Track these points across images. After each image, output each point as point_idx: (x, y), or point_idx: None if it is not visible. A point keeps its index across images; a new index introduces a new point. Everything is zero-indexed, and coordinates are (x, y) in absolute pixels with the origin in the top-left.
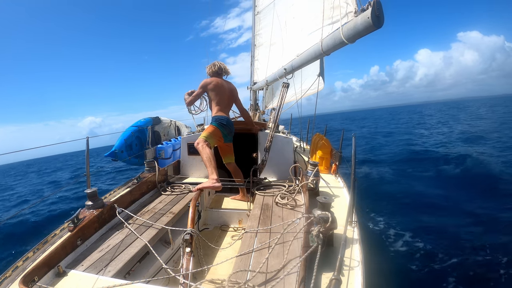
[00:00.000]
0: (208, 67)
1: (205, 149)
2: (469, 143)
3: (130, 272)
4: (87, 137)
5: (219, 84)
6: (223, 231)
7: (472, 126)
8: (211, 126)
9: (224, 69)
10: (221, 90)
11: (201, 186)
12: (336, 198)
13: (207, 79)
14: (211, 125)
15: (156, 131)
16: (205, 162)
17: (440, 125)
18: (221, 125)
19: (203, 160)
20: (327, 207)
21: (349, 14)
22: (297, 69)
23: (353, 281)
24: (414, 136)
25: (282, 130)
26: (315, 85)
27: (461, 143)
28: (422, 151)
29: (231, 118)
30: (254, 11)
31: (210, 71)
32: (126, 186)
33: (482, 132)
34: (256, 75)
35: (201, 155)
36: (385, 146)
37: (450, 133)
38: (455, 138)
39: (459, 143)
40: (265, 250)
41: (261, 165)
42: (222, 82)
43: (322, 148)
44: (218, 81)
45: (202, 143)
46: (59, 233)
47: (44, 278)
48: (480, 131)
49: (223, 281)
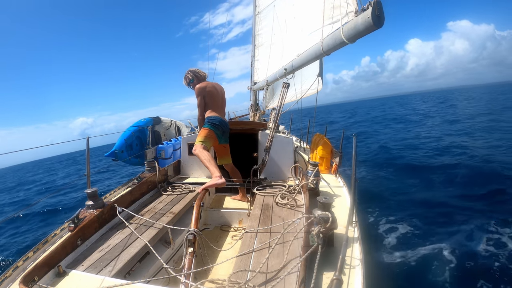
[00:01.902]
0: (191, 75)
1: (202, 152)
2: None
3: (130, 272)
4: (87, 137)
5: (213, 86)
6: (223, 231)
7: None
8: (204, 128)
9: (205, 74)
10: (215, 91)
11: (206, 186)
12: (336, 198)
13: (201, 84)
14: (204, 127)
15: (156, 131)
16: (205, 164)
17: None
18: (213, 125)
19: (203, 163)
20: (328, 207)
21: (349, 14)
22: (297, 69)
23: (354, 281)
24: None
25: (282, 130)
26: (315, 85)
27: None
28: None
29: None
30: (255, 11)
31: (197, 77)
32: (126, 186)
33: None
34: (256, 75)
35: (200, 158)
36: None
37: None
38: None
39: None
40: (265, 250)
41: (261, 165)
42: (213, 84)
43: (323, 148)
44: (210, 84)
45: (200, 148)
46: (59, 233)
47: (44, 278)
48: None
49: (223, 281)
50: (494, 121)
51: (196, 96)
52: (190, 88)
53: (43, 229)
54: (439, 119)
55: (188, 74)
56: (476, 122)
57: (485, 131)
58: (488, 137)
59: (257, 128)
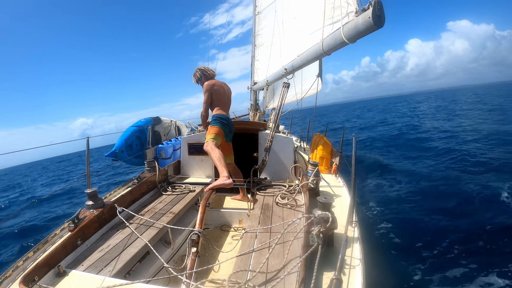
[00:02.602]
0: (200, 73)
1: (214, 150)
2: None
3: (130, 272)
4: (87, 137)
5: (220, 84)
6: (224, 231)
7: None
8: (215, 126)
9: (213, 72)
10: (222, 90)
11: (212, 185)
12: (336, 198)
13: (209, 81)
14: (214, 125)
15: (156, 131)
16: (215, 162)
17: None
18: (222, 124)
19: (213, 160)
20: (328, 207)
21: (350, 14)
22: (297, 69)
23: (354, 281)
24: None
25: (282, 130)
26: (315, 86)
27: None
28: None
29: (231, 118)
30: (255, 11)
31: (206, 75)
32: (126, 186)
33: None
34: (256, 75)
35: (211, 156)
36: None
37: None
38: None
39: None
40: (265, 250)
41: (262, 165)
42: (221, 83)
43: (323, 148)
44: (218, 82)
45: (212, 145)
46: (59, 233)
47: (45, 278)
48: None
49: (224, 281)
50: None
51: (204, 93)
52: (199, 85)
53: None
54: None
55: (197, 72)
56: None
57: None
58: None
59: (257, 128)
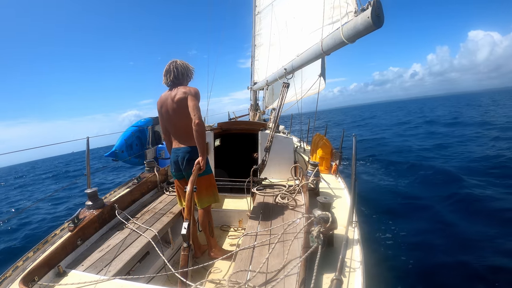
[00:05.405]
0: (192, 74)
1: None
2: None
3: (130, 272)
4: (87, 137)
5: (163, 101)
6: (223, 231)
7: None
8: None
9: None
10: (165, 109)
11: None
12: (336, 198)
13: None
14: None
15: (156, 131)
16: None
17: None
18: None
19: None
20: (328, 207)
21: (349, 14)
22: (297, 69)
23: (354, 281)
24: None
25: (282, 130)
26: (316, 85)
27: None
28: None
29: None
30: (254, 11)
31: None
32: (126, 186)
33: None
34: (256, 75)
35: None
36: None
37: None
38: None
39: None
40: (265, 250)
41: (261, 165)
42: (165, 96)
43: (323, 148)
44: (162, 97)
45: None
46: (59, 233)
47: (44, 278)
48: None
49: (224, 281)
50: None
51: (198, 100)
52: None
53: None
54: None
55: (190, 73)
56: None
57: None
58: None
59: (257, 128)
